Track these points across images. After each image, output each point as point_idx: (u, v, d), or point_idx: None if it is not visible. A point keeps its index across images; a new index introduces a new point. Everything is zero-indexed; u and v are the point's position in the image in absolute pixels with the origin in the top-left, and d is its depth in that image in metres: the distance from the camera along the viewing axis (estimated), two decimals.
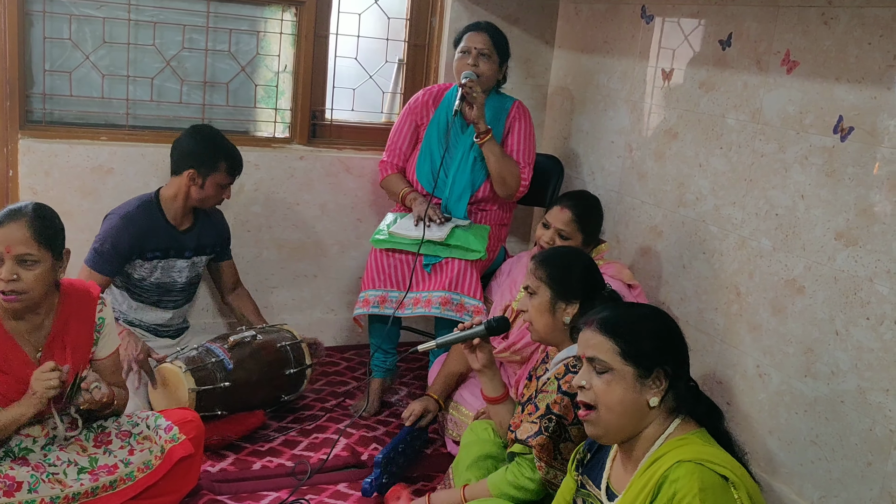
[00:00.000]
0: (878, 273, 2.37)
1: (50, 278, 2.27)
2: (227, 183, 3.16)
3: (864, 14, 2.42)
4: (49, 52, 3.33)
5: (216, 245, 3.32)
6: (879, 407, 2.36)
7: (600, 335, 1.78)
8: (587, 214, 2.97)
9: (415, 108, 3.45)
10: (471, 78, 3.17)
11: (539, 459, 2.21)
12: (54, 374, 2.18)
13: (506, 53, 3.34)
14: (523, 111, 3.40)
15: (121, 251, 3.02)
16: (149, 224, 3.07)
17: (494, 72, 3.29)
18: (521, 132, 3.37)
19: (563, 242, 2.92)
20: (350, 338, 3.98)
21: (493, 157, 3.23)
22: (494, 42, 3.27)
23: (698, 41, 3.07)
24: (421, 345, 2.55)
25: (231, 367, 2.98)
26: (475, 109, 3.16)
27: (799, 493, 2.63)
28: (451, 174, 3.33)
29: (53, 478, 2.30)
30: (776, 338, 2.71)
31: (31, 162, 3.28)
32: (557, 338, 2.37)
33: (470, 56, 3.24)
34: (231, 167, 3.15)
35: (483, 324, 2.48)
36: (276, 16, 3.64)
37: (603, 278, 2.48)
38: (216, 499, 2.64)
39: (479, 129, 3.19)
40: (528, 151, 3.36)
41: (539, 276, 2.38)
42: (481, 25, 3.31)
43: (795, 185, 2.64)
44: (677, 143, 3.17)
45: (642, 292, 2.95)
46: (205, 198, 3.12)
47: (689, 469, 1.63)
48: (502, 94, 3.43)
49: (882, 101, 2.36)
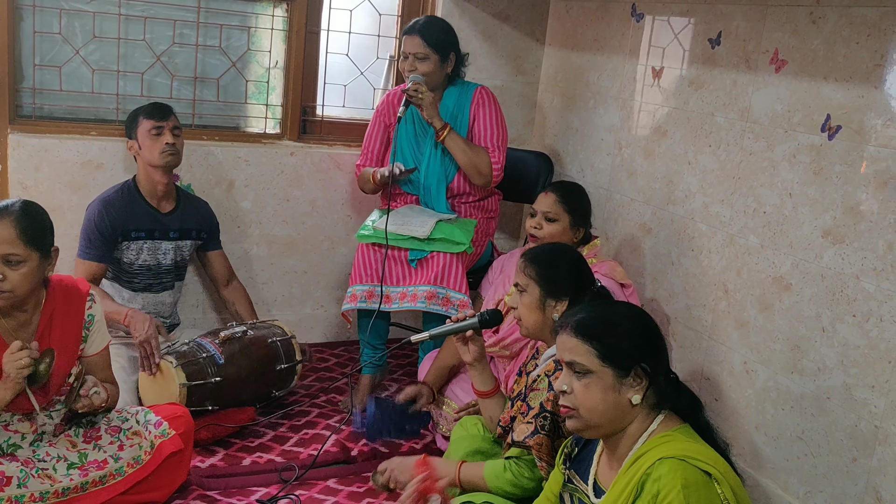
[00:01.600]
0: (865, 270, 2.39)
1: (37, 277, 2.25)
2: (154, 127, 3.09)
3: (852, 13, 2.43)
4: (39, 47, 3.32)
5: (201, 230, 3.33)
6: (865, 403, 2.38)
7: (576, 338, 1.78)
8: (571, 194, 3.01)
9: (382, 111, 3.47)
10: (416, 80, 3.19)
11: (540, 459, 2.21)
12: (23, 353, 2.16)
13: (446, 47, 3.28)
14: (486, 96, 3.37)
15: (106, 234, 3.07)
16: (129, 204, 3.13)
17: (436, 69, 3.26)
18: (487, 117, 3.34)
19: (552, 226, 2.95)
20: (340, 334, 3.99)
21: (457, 150, 3.24)
22: (428, 42, 3.22)
23: (688, 39, 3.09)
24: (414, 336, 2.56)
25: (222, 363, 2.99)
26: (425, 110, 3.19)
27: (785, 488, 2.66)
28: (422, 169, 3.35)
29: (43, 473, 2.30)
30: (763, 334, 2.74)
31: (20, 157, 3.27)
32: (547, 334, 2.38)
33: (408, 60, 3.25)
34: (148, 112, 3.12)
35: (476, 316, 2.49)
36: (268, 11, 3.64)
37: (592, 274, 2.49)
38: (205, 494, 2.64)
39: (436, 126, 3.22)
40: (497, 134, 3.33)
41: (529, 273, 2.39)
42: (415, 27, 3.25)
43: (783, 182, 2.66)
44: (667, 141, 3.19)
45: (635, 291, 2.97)
46: (149, 157, 3.09)
47: (672, 466, 1.63)
48: (464, 83, 3.41)
49: (869, 100, 2.38)
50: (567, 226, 2.96)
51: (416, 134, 3.38)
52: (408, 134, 3.38)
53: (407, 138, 3.38)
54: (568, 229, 2.97)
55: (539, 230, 2.98)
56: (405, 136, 3.38)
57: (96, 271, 3.09)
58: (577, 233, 2.99)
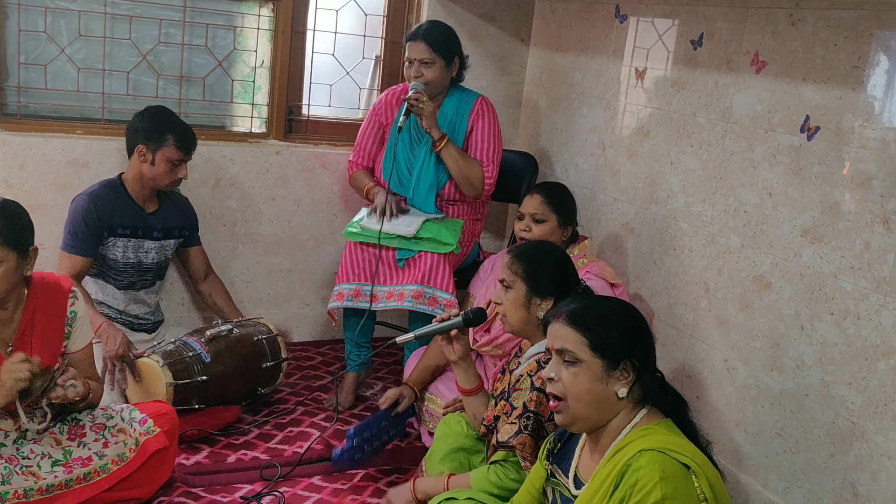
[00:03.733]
0: (843, 269, 2.43)
1: (15, 277, 2.24)
2: (178, 159, 3.13)
3: (830, 16, 2.47)
4: (24, 45, 3.32)
5: (184, 229, 3.34)
6: (842, 400, 2.42)
7: (568, 327, 1.81)
8: (556, 194, 3.05)
9: (379, 109, 3.47)
10: (417, 89, 3.19)
11: (524, 459, 2.23)
12: (24, 366, 2.17)
13: (451, 52, 3.29)
14: (486, 108, 3.37)
15: (93, 227, 3.07)
16: (115, 200, 3.13)
17: (441, 74, 3.27)
18: (485, 130, 3.34)
19: (541, 227, 2.98)
20: (325, 332, 4.00)
21: (452, 162, 3.25)
22: (434, 47, 3.22)
23: (671, 41, 3.12)
24: (398, 337, 2.58)
25: (208, 361, 2.99)
26: (424, 120, 3.19)
27: (764, 484, 2.69)
28: (414, 174, 3.36)
29: (27, 470, 2.30)
30: (743, 332, 2.77)
31: (5, 155, 3.27)
32: (530, 331, 2.41)
33: (413, 67, 3.25)
34: (180, 142, 3.11)
35: (460, 315, 2.51)
36: (254, 11, 3.65)
37: (577, 273, 2.52)
38: (190, 491, 2.65)
39: (434, 136, 3.22)
40: (492, 149, 3.34)
41: (515, 270, 2.41)
42: (419, 33, 3.25)
43: (763, 182, 2.70)
44: (649, 142, 3.22)
45: (625, 291, 2.99)
46: (157, 175, 3.12)
47: (652, 458, 1.66)
48: (464, 90, 3.41)
49: (847, 102, 2.42)
50: (555, 225, 2.99)
51: (411, 139, 3.38)
52: (402, 138, 3.37)
53: (402, 143, 3.37)
54: (556, 229, 3.00)
55: (528, 232, 3.00)
56: (401, 141, 3.37)
57: (81, 266, 3.08)
58: (565, 231, 3.02)
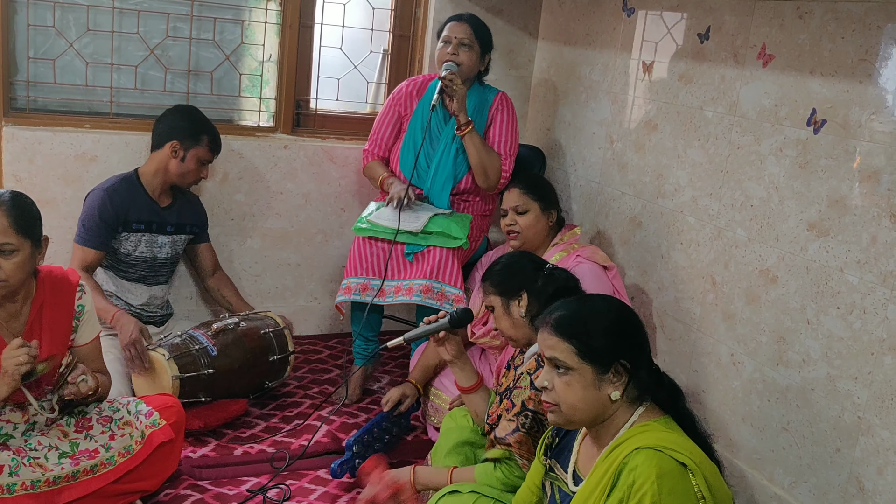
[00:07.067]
0: (849, 263, 2.41)
1: (29, 266, 2.28)
2: (207, 160, 3.24)
3: (838, 9, 2.45)
4: (33, 40, 3.34)
5: (195, 226, 3.38)
6: (848, 394, 2.41)
7: (555, 336, 1.80)
8: (532, 182, 3.08)
9: (398, 99, 3.47)
10: (451, 70, 3.20)
11: (521, 457, 2.24)
12: (22, 351, 2.18)
13: (488, 45, 3.37)
14: (506, 103, 3.42)
15: (108, 221, 3.09)
16: (131, 195, 3.17)
17: (475, 62, 3.32)
18: (504, 124, 3.39)
19: (525, 217, 3.00)
20: (333, 326, 4.01)
21: (473, 149, 3.25)
22: (476, 32, 3.29)
23: (678, 34, 3.11)
24: (390, 341, 2.59)
25: (215, 354, 3.01)
26: (455, 102, 3.19)
27: (770, 478, 2.68)
28: (432, 165, 3.36)
29: (34, 462, 2.32)
30: (750, 326, 2.76)
31: (14, 149, 3.29)
32: (526, 334, 2.41)
33: (451, 46, 3.27)
34: (212, 143, 3.24)
35: (447, 316, 2.53)
36: (261, 5, 3.66)
37: (540, 259, 2.53)
38: (196, 483, 2.67)
39: (460, 121, 3.22)
40: (510, 143, 3.38)
41: (488, 290, 2.47)
42: (464, 17, 3.34)
43: (770, 176, 2.68)
44: (657, 135, 3.20)
45: (617, 273, 2.98)
46: (185, 172, 3.20)
47: (648, 456, 1.65)
48: (486, 86, 3.45)
49: (854, 95, 2.40)
50: (539, 212, 3.00)
51: (430, 131, 3.37)
52: (422, 126, 3.36)
53: (421, 130, 3.37)
54: (540, 215, 3.00)
55: (514, 225, 3.01)
56: (420, 129, 3.37)
57: (93, 258, 3.10)
58: (550, 217, 3.03)
